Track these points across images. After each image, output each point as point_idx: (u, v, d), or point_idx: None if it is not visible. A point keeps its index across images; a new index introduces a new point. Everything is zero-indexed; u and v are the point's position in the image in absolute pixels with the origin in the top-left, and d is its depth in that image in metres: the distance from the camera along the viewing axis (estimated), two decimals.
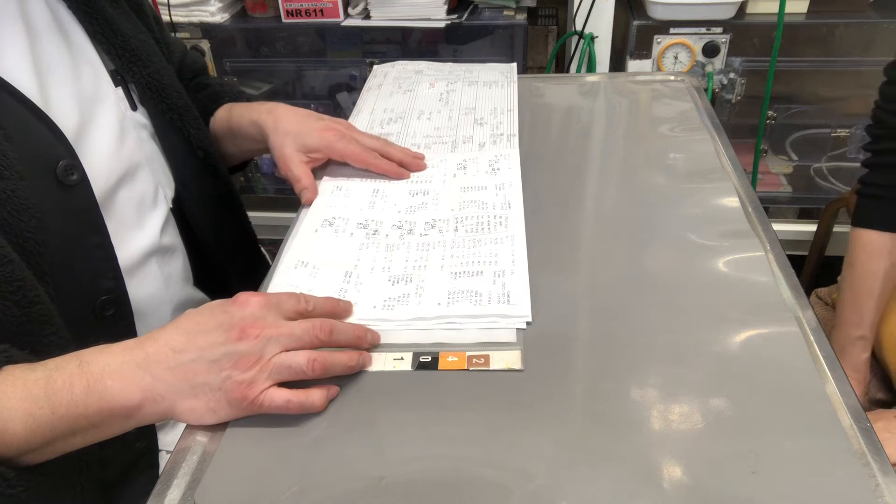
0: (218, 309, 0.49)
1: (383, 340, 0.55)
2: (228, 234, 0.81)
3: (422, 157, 0.77)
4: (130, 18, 0.70)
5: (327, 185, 0.73)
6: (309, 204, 0.71)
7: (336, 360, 0.50)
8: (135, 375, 0.46)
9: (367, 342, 0.54)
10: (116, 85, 0.66)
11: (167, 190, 0.71)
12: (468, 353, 0.53)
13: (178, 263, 0.71)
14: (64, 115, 0.58)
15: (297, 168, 0.73)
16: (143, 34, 0.71)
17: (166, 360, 0.47)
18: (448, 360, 0.52)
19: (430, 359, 0.53)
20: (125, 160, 0.64)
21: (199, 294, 0.76)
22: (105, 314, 0.60)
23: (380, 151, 0.75)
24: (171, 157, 0.72)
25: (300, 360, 0.49)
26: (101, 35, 0.65)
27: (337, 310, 0.55)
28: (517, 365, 0.52)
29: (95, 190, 0.59)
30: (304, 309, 0.52)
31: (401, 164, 0.75)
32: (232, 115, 0.82)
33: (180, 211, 0.72)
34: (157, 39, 0.75)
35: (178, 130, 0.72)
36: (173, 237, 0.71)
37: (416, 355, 0.53)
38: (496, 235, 0.64)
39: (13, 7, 0.58)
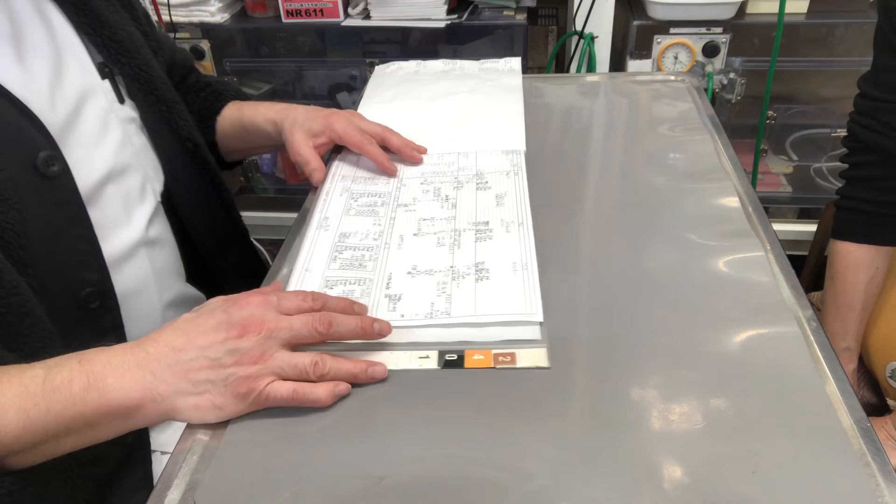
0: (218, 309, 0.49)
1: (405, 339, 0.54)
2: (219, 228, 0.81)
3: (422, 151, 0.78)
4: (118, 11, 0.70)
5: (341, 192, 0.74)
6: (318, 184, 0.75)
7: (340, 367, 0.50)
8: (135, 374, 0.46)
9: (375, 333, 0.52)
10: (103, 78, 0.65)
11: (155, 184, 0.70)
12: (494, 351, 0.53)
13: (169, 257, 0.71)
14: (47, 108, 0.58)
15: (305, 151, 0.76)
16: (129, 26, 0.70)
17: (166, 358, 0.47)
18: (474, 359, 0.52)
19: (455, 357, 0.53)
20: (111, 156, 0.64)
21: (193, 291, 0.75)
22: (90, 306, 0.60)
23: (378, 138, 0.77)
24: (160, 150, 0.72)
25: (304, 360, 0.48)
26: (87, 26, 0.65)
27: (349, 311, 0.54)
28: (544, 362, 0.51)
29: (80, 184, 0.59)
30: (310, 307, 0.52)
31: (399, 152, 0.77)
32: (244, 113, 0.84)
33: (170, 204, 0.72)
34: (145, 33, 0.74)
35: (167, 122, 0.72)
36: (162, 230, 0.70)
37: (441, 353, 0.53)
38: (506, 238, 0.64)
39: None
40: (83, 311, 0.59)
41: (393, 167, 0.76)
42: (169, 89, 0.73)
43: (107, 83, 0.66)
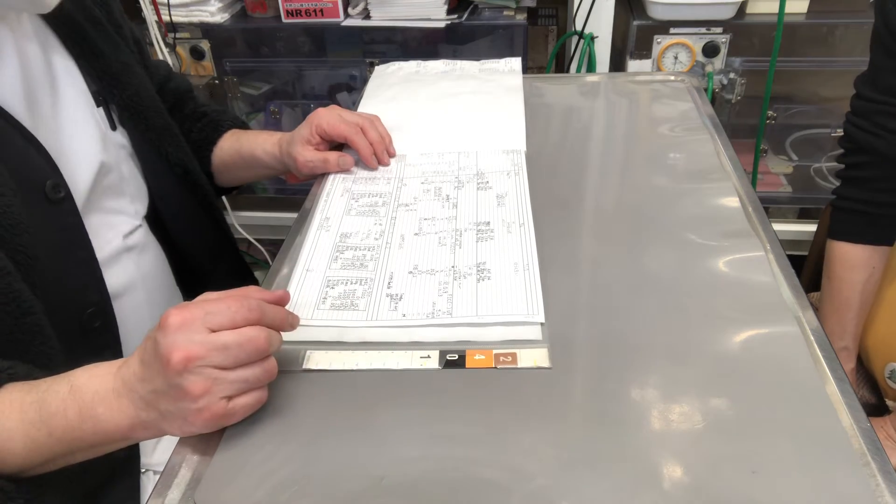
0: (155, 333, 0.46)
1: (406, 339, 0.55)
2: (207, 242, 0.83)
3: (391, 155, 0.79)
4: (113, 40, 0.71)
5: (341, 196, 0.74)
6: (353, 165, 0.77)
7: (277, 333, 0.48)
8: (120, 404, 0.47)
9: (290, 326, 0.51)
10: (98, 105, 0.68)
11: (139, 206, 0.72)
12: (495, 352, 0.53)
13: (154, 263, 0.73)
14: (49, 136, 0.60)
15: (313, 156, 0.77)
16: (124, 55, 0.72)
17: (136, 389, 0.47)
18: (475, 359, 0.52)
19: (456, 357, 0.53)
20: (103, 178, 0.66)
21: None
22: (92, 326, 0.62)
23: (360, 128, 0.78)
24: (148, 174, 0.74)
25: (254, 372, 0.46)
26: (83, 59, 0.67)
27: (284, 321, 0.50)
28: (545, 363, 0.52)
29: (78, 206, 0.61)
30: (246, 319, 0.46)
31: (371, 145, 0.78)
32: (242, 145, 0.85)
33: (158, 222, 0.74)
34: (136, 61, 0.76)
35: (157, 149, 0.74)
36: (145, 241, 0.72)
37: (442, 353, 0.53)
38: (507, 239, 0.64)
39: (6, 33, 0.59)
40: (85, 330, 0.61)
41: (374, 162, 0.77)
42: (161, 117, 0.75)
43: (101, 111, 0.68)
